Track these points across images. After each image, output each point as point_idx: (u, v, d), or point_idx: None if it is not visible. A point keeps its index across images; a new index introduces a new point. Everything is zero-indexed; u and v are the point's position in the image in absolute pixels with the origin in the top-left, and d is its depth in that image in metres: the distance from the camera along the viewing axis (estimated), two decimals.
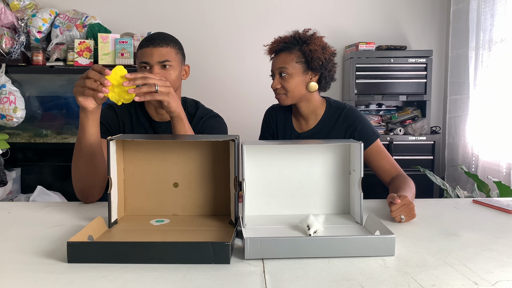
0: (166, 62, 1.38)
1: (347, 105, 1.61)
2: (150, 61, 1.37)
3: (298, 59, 1.50)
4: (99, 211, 1.27)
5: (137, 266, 0.85)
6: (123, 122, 1.53)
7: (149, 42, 1.39)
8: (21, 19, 3.07)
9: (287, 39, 1.53)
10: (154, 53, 1.37)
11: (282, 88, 1.52)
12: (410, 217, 1.17)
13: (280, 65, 1.51)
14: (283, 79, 1.51)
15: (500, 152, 2.66)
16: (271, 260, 0.89)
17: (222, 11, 3.41)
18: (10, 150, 2.86)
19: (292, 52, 1.51)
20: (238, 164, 1.06)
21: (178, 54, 1.44)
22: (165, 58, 1.38)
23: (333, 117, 1.58)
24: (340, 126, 1.56)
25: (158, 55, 1.37)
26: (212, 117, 1.56)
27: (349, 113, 1.57)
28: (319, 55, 1.50)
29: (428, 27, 3.47)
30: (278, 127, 1.67)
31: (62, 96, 3.14)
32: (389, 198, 1.20)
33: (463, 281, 0.80)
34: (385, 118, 3.32)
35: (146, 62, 1.38)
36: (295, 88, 1.51)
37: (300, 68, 1.51)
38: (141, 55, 1.40)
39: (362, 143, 1.10)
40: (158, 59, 1.38)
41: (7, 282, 0.80)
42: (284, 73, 1.50)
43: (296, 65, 1.50)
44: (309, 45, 1.50)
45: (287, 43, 1.52)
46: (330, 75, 1.56)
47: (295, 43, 1.52)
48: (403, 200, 1.17)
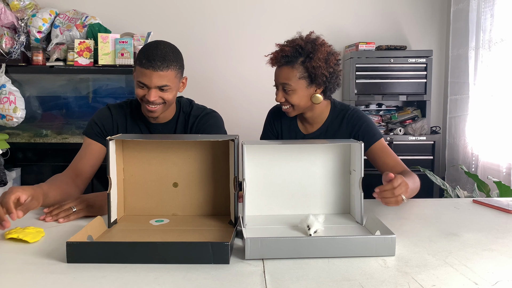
0: (164, 87, 1.38)
1: (351, 107, 1.60)
2: (149, 84, 1.36)
3: (301, 75, 1.45)
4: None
5: (137, 266, 0.85)
6: (117, 123, 1.53)
7: (149, 64, 1.34)
8: (21, 19, 3.07)
9: (289, 52, 1.45)
10: (154, 77, 1.35)
11: (286, 101, 1.49)
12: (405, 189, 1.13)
13: (283, 80, 1.46)
14: (287, 94, 1.47)
15: (500, 152, 2.65)
16: (271, 260, 0.89)
17: (222, 11, 3.41)
18: (10, 150, 2.85)
19: (295, 67, 1.45)
20: (238, 164, 1.06)
21: (178, 74, 1.41)
22: (163, 83, 1.36)
23: (338, 118, 1.57)
24: (345, 127, 1.56)
25: (157, 80, 1.35)
26: (206, 114, 1.56)
27: (353, 114, 1.56)
28: (323, 71, 1.44)
29: (428, 27, 3.47)
30: (283, 128, 1.66)
31: (62, 96, 3.13)
32: (384, 176, 1.15)
33: (463, 281, 0.80)
34: (385, 118, 3.31)
35: (144, 84, 1.37)
36: (300, 102, 1.48)
37: (304, 83, 1.46)
38: (140, 74, 1.37)
39: (362, 143, 1.10)
40: (156, 84, 1.36)
41: (7, 282, 0.80)
42: (287, 89, 1.46)
43: (300, 80, 1.45)
44: (312, 60, 1.43)
45: (289, 57, 1.45)
46: (334, 85, 1.53)
47: (297, 55, 1.45)
48: (397, 180, 1.12)
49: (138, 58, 1.39)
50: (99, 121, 1.51)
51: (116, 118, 1.53)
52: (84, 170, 1.44)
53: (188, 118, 1.54)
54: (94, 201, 1.25)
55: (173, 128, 1.54)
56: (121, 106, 1.56)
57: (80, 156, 1.47)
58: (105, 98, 3.12)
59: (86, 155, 1.46)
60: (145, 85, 1.37)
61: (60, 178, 1.36)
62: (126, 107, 1.56)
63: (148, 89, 1.37)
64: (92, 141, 1.48)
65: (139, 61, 1.38)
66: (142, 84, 1.37)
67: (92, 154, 1.47)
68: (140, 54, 1.39)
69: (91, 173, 1.47)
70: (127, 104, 1.57)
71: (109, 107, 1.55)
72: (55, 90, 3.13)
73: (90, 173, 1.46)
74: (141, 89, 1.39)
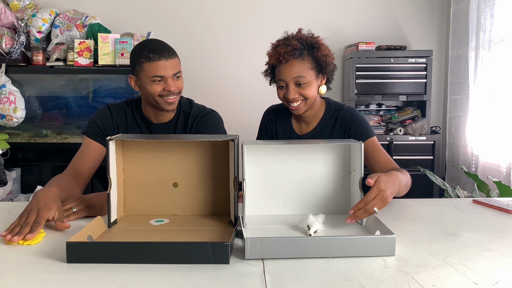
0: (178, 74, 1.44)
1: (345, 106, 1.59)
2: (166, 74, 1.39)
3: (311, 65, 1.46)
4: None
5: (137, 266, 0.85)
6: (118, 124, 1.53)
7: (158, 56, 1.38)
8: (21, 19, 3.07)
9: (296, 45, 1.45)
10: (168, 66, 1.39)
11: (300, 96, 1.47)
12: (382, 202, 1.03)
13: (296, 74, 1.44)
14: (301, 88, 1.45)
15: (500, 152, 2.65)
16: (271, 260, 0.89)
17: (222, 11, 3.41)
18: (10, 150, 2.86)
19: (305, 58, 1.45)
20: (238, 164, 1.06)
21: (180, 61, 1.48)
22: (177, 70, 1.43)
23: (332, 118, 1.57)
24: (339, 127, 1.56)
25: (171, 68, 1.41)
26: (206, 113, 1.56)
27: (346, 113, 1.56)
28: (331, 59, 1.49)
29: (428, 27, 3.47)
30: (278, 129, 1.66)
31: (62, 96, 3.14)
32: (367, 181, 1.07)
33: (463, 281, 0.80)
34: (385, 118, 3.31)
35: (162, 76, 1.39)
36: (313, 94, 1.47)
37: (314, 74, 1.47)
38: (153, 68, 1.38)
39: (363, 143, 1.10)
40: (172, 72, 1.41)
41: (7, 282, 0.80)
42: (302, 82, 1.44)
43: (311, 71, 1.46)
44: (319, 50, 1.46)
45: (297, 49, 1.44)
46: (333, 74, 1.56)
47: (303, 47, 1.46)
48: (377, 184, 1.03)
49: (142, 56, 1.39)
50: (99, 121, 1.51)
51: (116, 118, 1.53)
52: (84, 171, 1.44)
53: (188, 118, 1.54)
54: (94, 201, 1.25)
55: (173, 128, 1.54)
56: (121, 106, 1.56)
57: (80, 156, 1.47)
58: (105, 98, 3.12)
59: (86, 155, 1.46)
60: (161, 77, 1.40)
61: (63, 179, 1.36)
62: (126, 107, 1.56)
63: (165, 81, 1.40)
64: (92, 141, 1.48)
65: (146, 58, 1.39)
66: (158, 77, 1.39)
67: (92, 154, 1.47)
68: (143, 52, 1.40)
69: (90, 173, 1.47)
70: (127, 104, 1.57)
71: (109, 107, 1.55)
72: (55, 90, 3.13)
73: (90, 173, 1.46)
74: (156, 84, 1.40)
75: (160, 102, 1.43)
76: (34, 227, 1.03)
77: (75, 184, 1.38)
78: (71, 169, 1.43)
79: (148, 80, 1.40)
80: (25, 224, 1.04)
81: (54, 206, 1.12)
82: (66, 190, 1.29)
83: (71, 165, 1.44)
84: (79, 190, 1.39)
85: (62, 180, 1.35)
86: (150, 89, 1.41)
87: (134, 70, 1.44)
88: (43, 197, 1.13)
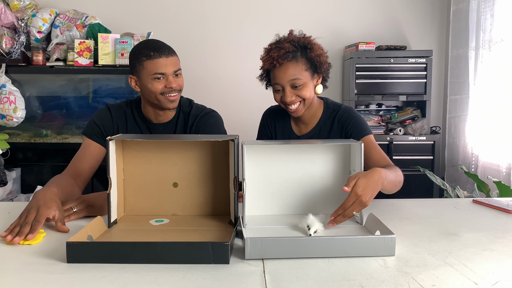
0: (178, 71, 1.45)
1: (343, 106, 1.59)
2: (167, 72, 1.41)
3: (306, 66, 1.46)
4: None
5: (137, 266, 0.85)
6: (117, 124, 1.53)
7: (158, 54, 1.40)
8: (21, 19, 3.07)
9: (289, 48, 1.44)
10: (168, 63, 1.41)
11: (297, 98, 1.47)
12: (361, 207, 1.07)
13: (291, 77, 1.44)
14: (298, 90, 1.45)
15: (500, 152, 2.65)
16: (271, 260, 0.89)
17: (222, 11, 3.41)
18: (10, 150, 2.86)
19: (298, 60, 1.45)
20: (238, 164, 1.06)
21: (179, 60, 1.49)
22: (178, 67, 1.45)
23: (330, 118, 1.57)
24: (336, 126, 1.56)
25: (172, 65, 1.42)
26: (206, 113, 1.56)
27: (343, 113, 1.56)
28: (325, 58, 1.49)
29: (428, 27, 3.47)
30: (277, 130, 1.66)
31: (62, 96, 3.14)
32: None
33: (463, 281, 0.80)
34: (385, 118, 3.31)
35: (163, 73, 1.41)
36: (310, 95, 1.47)
37: (309, 75, 1.47)
38: (154, 66, 1.40)
39: (362, 143, 1.10)
40: (173, 69, 1.43)
41: (7, 282, 0.80)
42: (298, 84, 1.44)
43: (306, 72, 1.46)
44: (312, 50, 1.46)
45: (290, 52, 1.44)
46: (328, 73, 1.56)
47: (296, 50, 1.46)
48: (354, 190, 1.05)
49: (142, 55, 1.41)
50: (99, 122, 1.51)
51: (116, 118, 1.53)
52: (84, 171, 1.44)
53: (188, 117, 1.54)
54: (94, 201, 1.25)
55: (173, 128, 1.54)
56: (121, 106, 1.56)
57: (80, 157, 1.47)
58: (105, 98, 3.12)
59: (85, 156, 1.46)
60: (163, 75, 1.41)
61: (63, 179, 1.36)
62: (126, 107, 1.56)
63: (166, 79, 1.42)
64: (92, 142, 1.48)
65: (146, 56, 1.40)
66: (159, 75, 1.41)
67: (92, 155, 1.47)
68: (143, 51, 1.41)
69: (90, 173, 1.47)
70: (127, 104, 1.57)
71: (108, 108, 1.55)
72: (55, 90, 3.13)
73: (89, 173, 1.46)
74: (158, 81, 1.41)
75: (161, 100, 1.44)
76: (34, 225, 1.03)
77: (74, 184, 1.38)
78: (70, 169, 1.43)
79: (149, 78, 1.41)
80: (25, 223, 1.04)
81: (54, 205, 1.12)
82: (66, 190, 1.29)
83: (70, 165, 1.44)
84: (78, 190, 1.39)
85: (62, 180, 1.35)
86: (151, 87, 1.41)
87: (135, 69, 1.44)
88: (43, 196, 1.14)
